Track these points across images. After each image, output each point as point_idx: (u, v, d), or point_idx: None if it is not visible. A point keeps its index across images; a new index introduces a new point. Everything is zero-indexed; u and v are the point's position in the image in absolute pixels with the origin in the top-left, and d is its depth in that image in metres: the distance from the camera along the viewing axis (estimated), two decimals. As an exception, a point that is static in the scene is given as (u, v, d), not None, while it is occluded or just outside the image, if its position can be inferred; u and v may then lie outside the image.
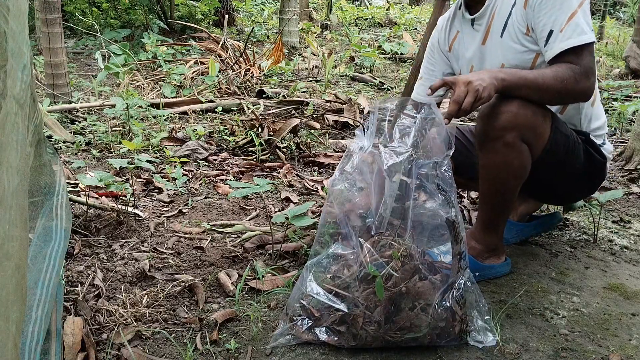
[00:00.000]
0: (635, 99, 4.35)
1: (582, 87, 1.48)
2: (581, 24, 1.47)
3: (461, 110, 1.36)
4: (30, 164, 0.97)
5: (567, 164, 1.63)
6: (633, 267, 1.82)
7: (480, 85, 1.36)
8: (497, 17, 1.63)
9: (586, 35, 1.47)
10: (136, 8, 7.69)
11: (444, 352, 1.31)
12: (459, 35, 1.77)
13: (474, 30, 1.71)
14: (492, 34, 1.65)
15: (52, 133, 3.11)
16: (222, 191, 2.46)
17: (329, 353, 1.30)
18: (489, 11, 1.65)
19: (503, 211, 1.61)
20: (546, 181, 1.66)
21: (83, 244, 1.85)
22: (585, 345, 1.37)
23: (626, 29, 9.75)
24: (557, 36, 1.48)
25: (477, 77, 1.38)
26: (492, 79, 1.39)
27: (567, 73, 1.45)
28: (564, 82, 1.45)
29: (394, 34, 8.22)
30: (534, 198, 1.92)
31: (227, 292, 1.59)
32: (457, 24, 1.79)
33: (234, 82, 4.49)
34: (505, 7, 1.61)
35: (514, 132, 1.46)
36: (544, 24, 1.51)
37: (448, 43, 1.82)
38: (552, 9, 1.49)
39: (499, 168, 1.51)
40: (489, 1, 1.64)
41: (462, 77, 1.38)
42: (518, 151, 1.48)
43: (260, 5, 11.70)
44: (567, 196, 1.84)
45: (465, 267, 1.35)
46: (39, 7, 3.73)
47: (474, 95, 1.35)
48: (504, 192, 1.55)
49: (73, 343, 1.28)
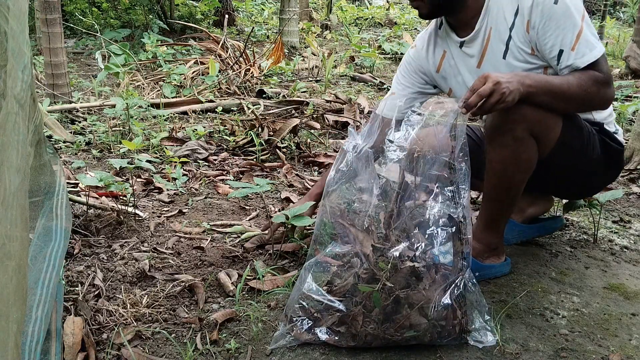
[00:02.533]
0: (635, 99, 4.35)
1: (604, 95, 1.48)
2: (590, 38, 1.47)
3: (482, 107, 1.34)
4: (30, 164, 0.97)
5: (583, 157, 1.61)
6: (633, 267, 1.82)
7: (507, 89, 1.34)
8: (494, 40, 1.58)
9: (597, 48, 1.47)
10: (136, 8, 7.68)
11: (444, 352, 1.31)
12: (447, 54, 1.71)
13: (463, 53, 1.66)
14: (489, 57, 1.61)
15: (52, 133, 3.11)
16: (222, 191, 2.46)
17: (329, 353, 1.30)
18: (481, 35, 1.60)
19: (506, 208, 1.61)
20: (564, 175, 1.66)
21: (83, 244, 1.85)
22: (585, 345, 1.37)
23: (626, 29, 9.75)
24: (570, 55, 1.47)
25: (506, 79, 1.35)
26: (519, 84, 1.37)
27: (590, 81, 1.45)
28: (588, 90, 1.45)
29: (394, 34, 8.22)
30: (553, 194, 1.90)
31: (227, 292, 1.59)
32: (442, 44, 1.72)
33: (234, 82, 4.49)
34: (502, 30, 1.56)
35: (524, 125, 1.45)
36: (552, 45, 1.49)
37: (436, 64, 1.75)
38: (557, 29, 1.47)
39: (506, 162, 1.50)
40: (479, 25, 1.59)
41: (493, 75, 1.35)
42: (526, 145, 1.48)
43: (260, 5, 11.70)
44: (586, 189, 1.82)
45: (467, 267, 1.35)
46: (39, 7, 3.73)
47: (499, 96, 1.33)
48: (509, 187, 1.55)
49: (73, 343, 1.28)
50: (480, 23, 1.59)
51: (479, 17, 1.58)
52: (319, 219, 1.42)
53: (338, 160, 1.41)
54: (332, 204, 1.38)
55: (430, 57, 1.76)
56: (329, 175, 1.41)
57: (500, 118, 1.47)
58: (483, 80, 1.35)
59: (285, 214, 1.73)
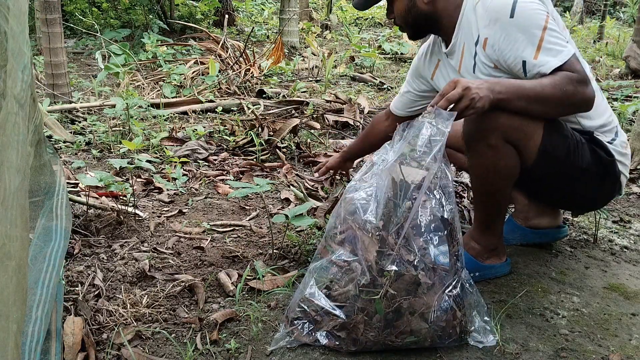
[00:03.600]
0: (635, 99, 4.35)
1: (582, 94, 1.43)
2: (552, 45, 1.43)
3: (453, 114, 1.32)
4: (30, 164, 0.97)
5: (570, 166, 1.55)
6: (633, 267, 1.82)
7: (477, 95, 1.32)
8: (466, 55, 1.61)
9: (563, 52, 1.42)
10: (136, 8, 7.68)
11: (444, 352, 1.31)
12: (440, 63, 1.77)
13: (449, 64, 1.72)
14: (463, 70, 1.63)
15: (52, 133, 3.11)
16: (222, 191, 2.46)
17: (329, 353, 1.30)
18: (457, 48, 1.64)
19: (496, 212, 1.61)
20: (551, 183, 1.61)
21: (83, 244, 1.85)
22: (585, 345, 1.37)
23: (626, 29, 9.75)
24: (534, 64, 1.44)
25: (475, 85, 1.34)
26: (489, 90, 1.35)
27: (564, 81, 1.40)
28: (564, 89, 1.40)
29: (394, 34, 8.22)
30: (550, 205, 1.86)
31: (227, 292, 1.59)
32: (437, 53, 1.78)
33: (234, 82, 4.49)
34: (470, 45, 1.58)
35: (497, 133, 1.44)
36: (514, 57, 1.46)
37: (431, 71, 1.81)
38: (516, 42, 1.45)
39: (486, 169, 1.50)
40: (454, 39, 1.63)
41: (463, 80, 1.34)
42: (503, 152, 1.47)
43: (260, 5, 11.70)
44: (586, 200, 1.72)
45: (462, 268, 1.35)
46: (39, 7, 3.73)
47: (468, 102, 1.32)
48: (493, 192, 1.55)
49: (73, 343, 1.28)
50: (455, 38, 1.63)
51: (454, 33, 1.63)
52: (329, 223, 1.41)
53: (363, 170, 1.41)
54: (348, 206, 1.38)
55: (427, 64, 1.83)
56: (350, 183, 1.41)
57: (474, 126, 1.47)
58: (453, 85, 1.34)
59: (285, 214, 1.73)
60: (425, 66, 1.84)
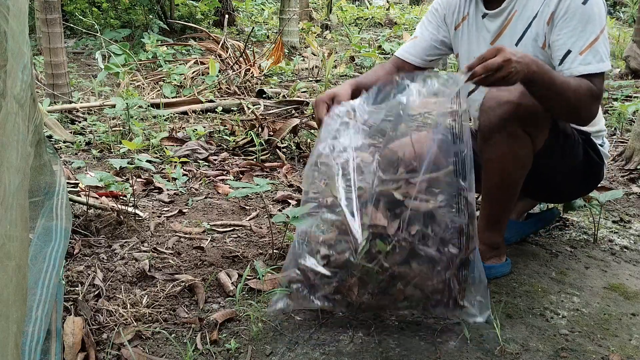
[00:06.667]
0: (635, 99, 4.35)
1: (590, 110, 1.47)
2: (601, 51, 1.46)
3: (485, 80, 1.29)
4: (30, 164, 0.97)
5: (565, 161, 1.63)
6: (633, 267, 1.82)
7: (515, 69, 1.29)
8: (514, 24, 1.59)
9: (604, 63, 1.46)
10: (136, 8, 7.68)
11: (444, 352, 1.31)
12: (468, 19, 1.71)
13: (483, 25, 1.66)
14: (504, 38, 1.61)
15: (52, 133, 3.11)
16: (222, 191, 2.46)
17: (329, 353, 1.30)
18: (505, 14, 1.61)
19: (507, 205, 1.62)
20: (543, 177, 1.66)
21: (83, 244, 1.85)
22: (585, 345, 1.37)
23: (626, 29, 9.74)
24: (576, 58, 1.46)
25: (516, 58, 1.29)
26: (526, 66, 1.31)
27: (586, 91, 1.43)
28: (581, 99, 1.43)
29: (394, 34, 8.22)
30: (530, 196, 1.90)
31: (227, 292, 1.59)
32: (467, 6, 1.71)
33: (234, 82, 4.49)
34: (524, 17, 1.57)
35: (517, 123, 1.46)
36: (562, 43, 1.48)
37: (455, 23, 1.75)
38: (574, 30, 1.47)
39: (505, 159, 1.50)
40: (507, 4, 1.59)
41: (507, 50, 1.29)
42: (522, 141, 1.49)
43: (260, 5, 11.70)
44: (563, 194, 1.83)
45: (474, 248, 1.34)
46: (39, 7, 3.73)
47: (506, 74, 1.28)
48: (509, 184, 1.55)
49: (73, 343, 1.28)
50: (508, 3, 1.60)
51: None
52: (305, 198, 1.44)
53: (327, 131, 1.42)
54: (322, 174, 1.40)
55: (456, 12, 1.75)
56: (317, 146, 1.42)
57: (492, 115, 1.47)
58: (494, 53, 1.29)
59: (285, 214, 1.72)
60: (453, 14, 1.75)
